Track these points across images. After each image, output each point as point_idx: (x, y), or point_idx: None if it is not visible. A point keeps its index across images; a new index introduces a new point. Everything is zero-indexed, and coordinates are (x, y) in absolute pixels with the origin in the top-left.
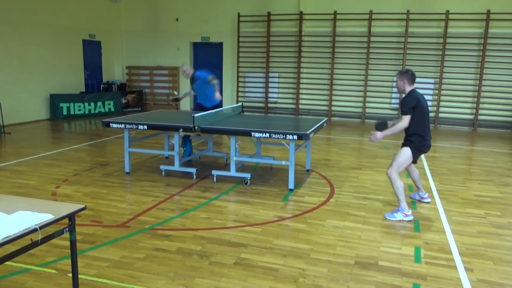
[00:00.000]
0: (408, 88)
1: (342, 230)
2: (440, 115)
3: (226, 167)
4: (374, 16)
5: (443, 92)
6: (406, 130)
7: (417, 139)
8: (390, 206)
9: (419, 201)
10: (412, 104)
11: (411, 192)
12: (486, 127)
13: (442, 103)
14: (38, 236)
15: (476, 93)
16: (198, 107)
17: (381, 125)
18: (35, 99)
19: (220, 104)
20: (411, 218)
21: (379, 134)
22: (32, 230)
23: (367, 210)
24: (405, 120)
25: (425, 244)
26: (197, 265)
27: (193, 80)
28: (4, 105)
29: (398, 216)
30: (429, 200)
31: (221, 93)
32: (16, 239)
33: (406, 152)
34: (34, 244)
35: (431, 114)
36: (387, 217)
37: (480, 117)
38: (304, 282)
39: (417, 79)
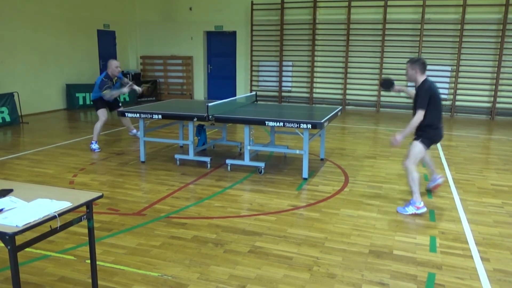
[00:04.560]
0: (420, 78)
1: (357, 219)
2: (457, 103)
3: (240, 156)
4: (389, 3)
5: (460, 80)
6: (421, 122)
7: (431, 131)
8: (405, 195)
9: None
10: (427, 97)
11: (427, 181)
12: (504, 115)
13: (458, 91)
14: (57, 223)
15: (494, 81)
16: (101, 101)
17: (387, 83)
18: (51, 89)
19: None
20: (423, 210)
21: (399, 137)
22: (51, 217)
23: (382, 199)
24: (420, 115)
25: (440, 233)
26: (212, 253)
27: (117, 78)
28: (22, 96)
29: (410, 209)
30: (442, 179)
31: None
32: (35, 226)
33: (418, 145)
34: (53, 231)
35: (447, 103)
36: (399, 211)
37: (498, 105)
38: (318, 270)
39: (433, 67)
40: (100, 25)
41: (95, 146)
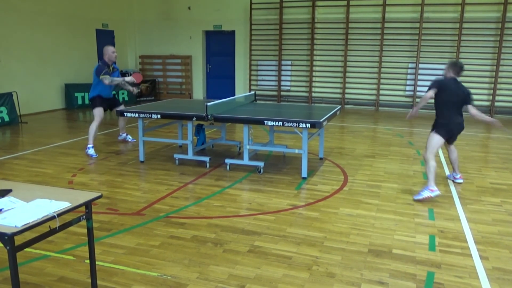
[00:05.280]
0: (448, 75)
1: (356, 218)
2: None
3: (239, 155)
4: (388, 2)
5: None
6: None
7: (440, 124)
8: (404, 194)
9: (452, 181)
10: (434, 87)
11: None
12: (503, 113)
13: None
14: (56, 223)
15: (493, 79)
16: (99, 99)
17: None
18: (50, 89)
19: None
20: (438, 193)
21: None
22: (50, 217)
23: (381, 198)
24: (427, 93)
25: (439, 232)
26: (212, 253)
27: (112, 68)
28: (20, 95)
29: (425, 193)
30: (461, 180)
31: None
32: (35, 227)
33: (432, 135)
34: (52, 231)
35: None
36: (415, 198)
37: (497, 104)
38: (317, 269)
39: (432, 65)
40: (99, 25)
41: (91, 151)
